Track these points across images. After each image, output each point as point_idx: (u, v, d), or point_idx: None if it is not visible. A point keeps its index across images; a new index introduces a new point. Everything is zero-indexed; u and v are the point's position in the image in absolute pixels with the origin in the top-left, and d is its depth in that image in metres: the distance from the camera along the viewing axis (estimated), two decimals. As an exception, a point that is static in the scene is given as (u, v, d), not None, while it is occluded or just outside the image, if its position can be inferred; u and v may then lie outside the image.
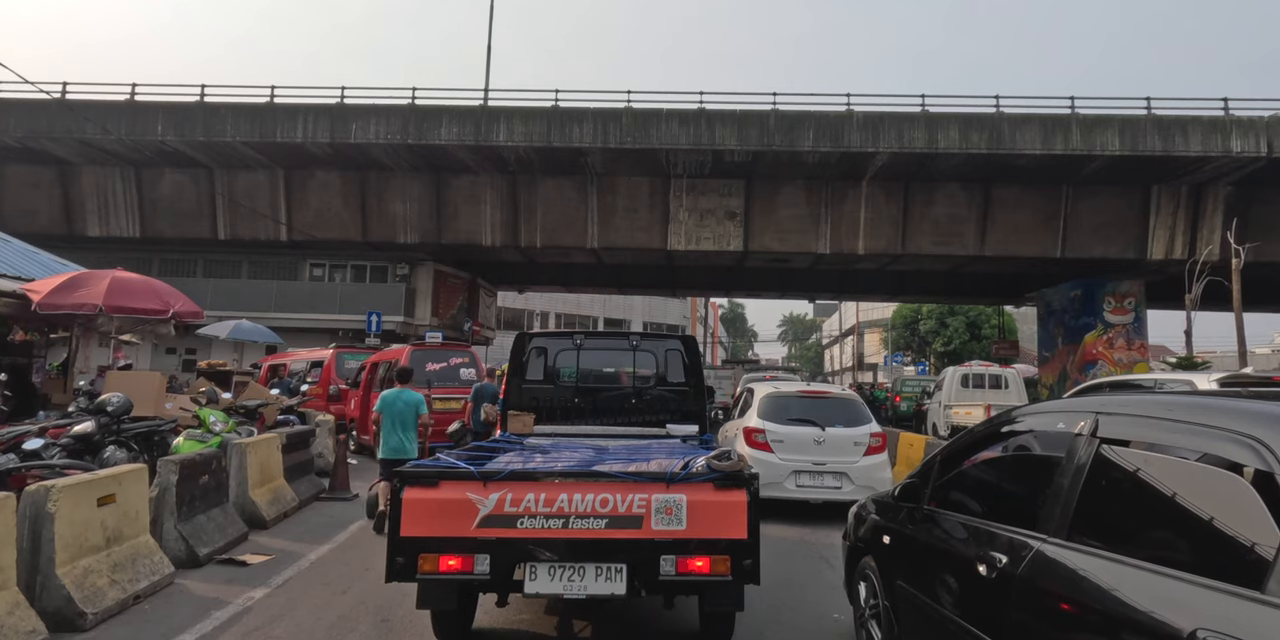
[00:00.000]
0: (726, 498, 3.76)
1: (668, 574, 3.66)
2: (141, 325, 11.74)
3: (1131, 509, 2.39)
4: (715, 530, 3.69)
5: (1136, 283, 24.15)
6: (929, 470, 3.73)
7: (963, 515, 3.26)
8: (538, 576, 3.71)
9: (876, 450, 8.64)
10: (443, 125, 20.18)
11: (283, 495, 7.89)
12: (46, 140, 20.60)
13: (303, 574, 5.73)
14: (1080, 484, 2.50)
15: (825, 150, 19.66)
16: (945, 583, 3.17)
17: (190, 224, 22.70)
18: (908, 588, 3.52)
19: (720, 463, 3.91)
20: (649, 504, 3.70)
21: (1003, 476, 3.41)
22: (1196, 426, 2.18)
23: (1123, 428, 2.48)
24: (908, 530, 3.68)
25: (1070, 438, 2.66)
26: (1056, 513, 2.54)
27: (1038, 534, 2.58)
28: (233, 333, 16.77)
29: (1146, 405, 2.62)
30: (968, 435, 3.69)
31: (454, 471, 3.90)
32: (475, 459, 4.59)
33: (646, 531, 3.67)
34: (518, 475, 3.84)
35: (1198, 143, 19.02)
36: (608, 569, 3.71)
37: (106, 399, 7.02)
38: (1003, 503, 3.20)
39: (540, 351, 7.09)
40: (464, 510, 3.67)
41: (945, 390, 20.43)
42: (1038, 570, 2.49)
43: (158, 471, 5.72)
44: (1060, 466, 2.64)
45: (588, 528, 3.67)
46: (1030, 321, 47.17)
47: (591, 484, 3.78)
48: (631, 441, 6.14)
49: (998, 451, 3.38)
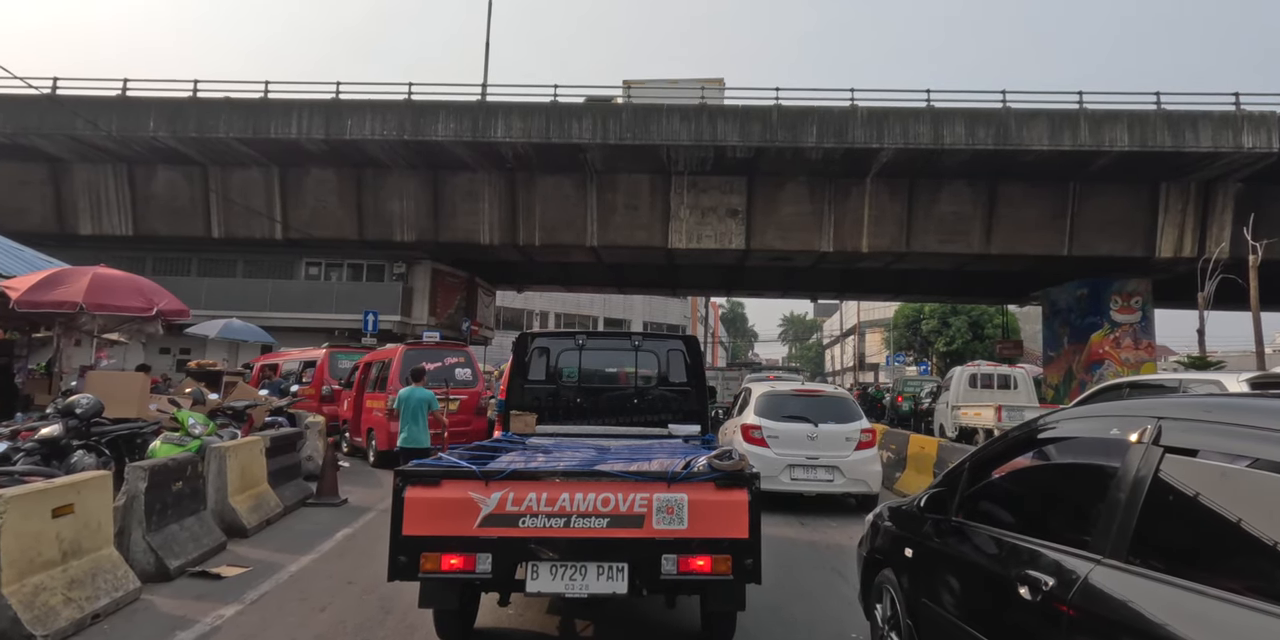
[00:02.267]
0: (728, 497, 3.76)
1: (669, 573, 3.67)
2: (126, 324, 11.39)
3: (1202, 528, 2.13)
4: (716, 529, 3.70)
5: (1144, 281, 23.84)
6: (957, 479, 3.44)
7: (999, 529, 2.96)
8: (539, 575, 3.71)
9: (866, 445, 9.06)
10: (440, 121, 19.82)
11: (266, 501, 7.53)
12: (37, 137, 20.24)
13: (280, 588, 5.36)
14: (1141, 499, 2.23)
15: (829, 146, 19.30)
16: (978, 604, 2.95)
17: (184, 222, 22.34)
18: (933, 607, 3.27)
19: (722, 462, 3.89)
20: (650, 503, 3.71)
21: (1044, 488, 3.12)
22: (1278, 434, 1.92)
23: (1191, 435, 2.21)
24: (934, 544, 3.40)
25: (1127, 445, 2.39)
26: (1113, 531, 2.28)
27: (1090, 555, 2.32)
28: (223, 332, 16.41)
29: (1218, 410, 2.33)
30: (1000, 441, 3.42)
31: (456, 470, 3.89)
32: (478, 458, 4.57)
33: (648, 530, 3.68)
34: (519, 474, 3.84)
35: (1208, 138, 18.67)
36: (609, 568, 3.71)
37: (75, 400, 6.65)
38: (1045, 517, 2.91)
39: (542, 351, 7.08)
40: (466, 509, 3.68)
41: (953, 390, 19.92)
42: (1092, 596, 2.23)
43: (125, 478, 5.36)
44: (1116, 478, 2.37)
45: (589, 527, 3.68)
46: (1032, 321, 46.86)
47: (593, 483, 3.78)
48: (633, 441, 6.12)
49: (1038, 460, 3.09)
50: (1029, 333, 43.99)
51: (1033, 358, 39.31)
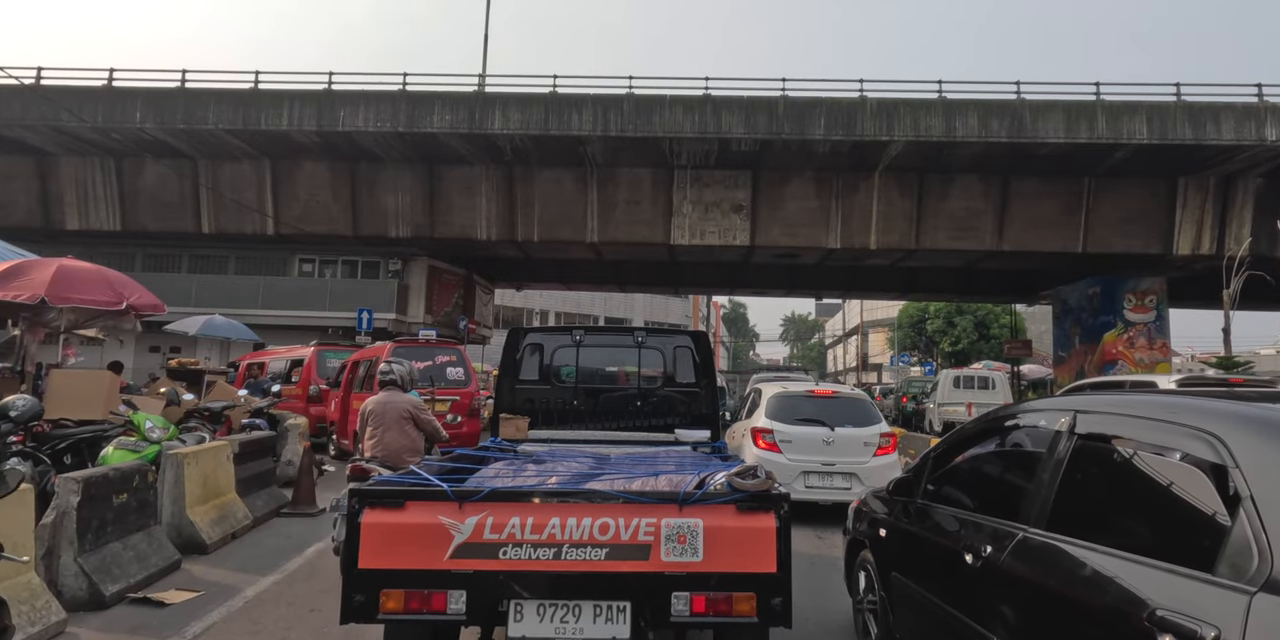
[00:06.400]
0: (752, 523, 3.19)
1: (680, 614, 3.11)
2: (99, 320, 10.79)
3: (1103, 500, 2.55)
4: (738, 563, 3.13)
5: (1159, 280, 23.21)
6: (923, 466, 3.84)
7: (953, 508, 3.38)
8: (524, 617, 3.13)
9: (887, 450, 8.49)
10: (435, 112, 19.18)
11: (232, 513, 6.91)
12: (20, 128, 19.61)
13: (231, 618, 4.73)
14: (1059, 477, 2.64)
15: (837, 139, 18.65)
16: (935, 572, 3.28)
17: (173, 217, 21.72)
18: (901, 578, 3.64)
19: (744, 481, 3.26)
20: (658, 530, 3.14)
21: (991, 471, 3.51)
22: (1164, 423, 2.31)
23: (1099, 425, 2.61)
24: (902, 524, 3.79)
25: (1052, 434, 2.79)
26: (1037, 504, 2.68)
27: (1020, 525, 2.71)
28: (204, 329, 15.79)
29: (1121, 404, 2.73)
30: (958, 432, 3.79)
31: (423, 490, 3.31)
32: (456, 472, 4.03)
33: (655, 563, 3.12)
34: (500, 495, 3.26)
35: (1230, 131, 18.00)
36: (608, 608, 3.14)
37: (9, 402, 5.99)
38: (991, 496, 3.30)
39: (536, 348, 6.51)
40: (435, 537, 3.12)
41: (940, 390, 22.54)
42: (1018, 558, 2.63)
43: (55, 491, 4.74)
44: (1042, 461, 2.77)
45: (584, 558, 3.12)
46: (1039, 321, 46.25)
47: (589, 505, 3.21)
48: (637, 449, 5.53)
49: (987, 448, 3.47)
50: (1035, 332, 43.35)
51: (1040, 358, 38.65)
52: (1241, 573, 1.82)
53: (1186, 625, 1.84)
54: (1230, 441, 2.02)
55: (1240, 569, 1.83)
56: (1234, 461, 1.98)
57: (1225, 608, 1.79)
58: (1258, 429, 2.06)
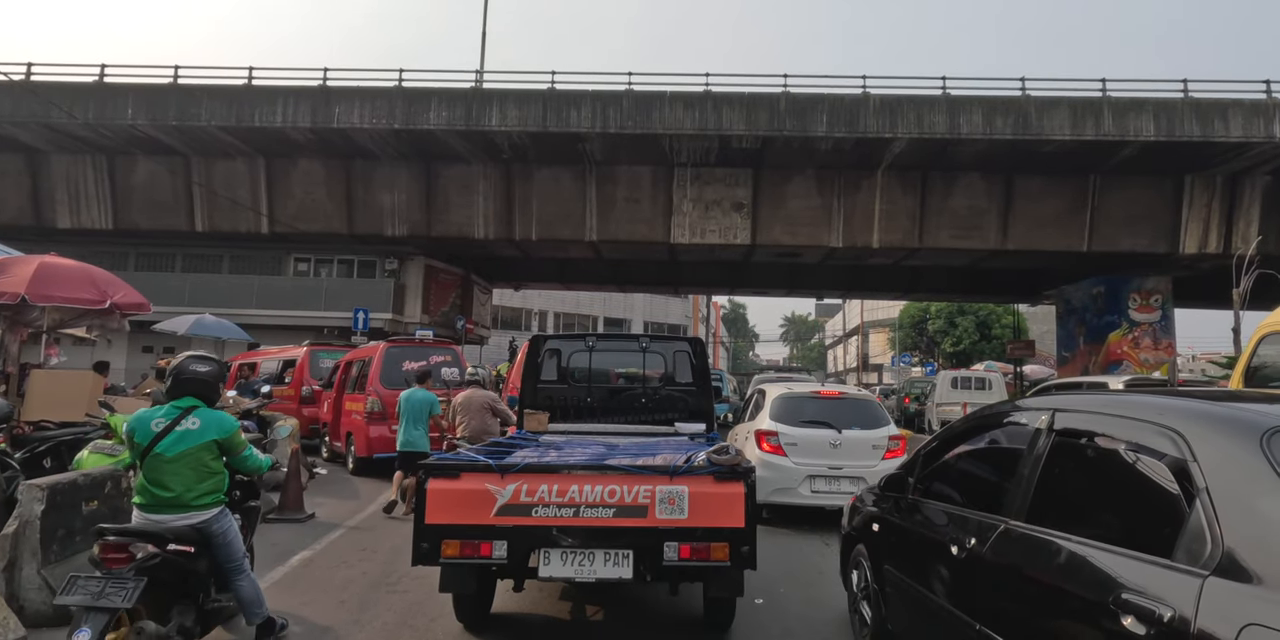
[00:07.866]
0: (725, 489, 4.00)
1: (670, 559, 3.90)
2: (85, 319, 10.51)
3: (1078, 493, 2.70)
4: (715, 519, 3.93)
5: (1164, 279, 22.98)
6: (914, 462, 4.01)
7: (942, 503, 3.54)
8: (551, 561, 3.98)
9: (896, 454, 8.24)
10: (432, 109, 18.91)
11: (215, 518, 6.61)
12: (10, 125, 19.33)
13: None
14: (1038, 472, 2.77)
15: (839, 136, 18.38)
16: (924, 564, 3.41)
17: (166, 215, 21.44)
18: (893, 571, 3.83)
19: (720, 457, 4.14)
20: (653, 495, 3.94)
21: (977, 467, 3.64)
22: (1133, 421, 2.45)
23: (1075, 422, 2.74)
24: (894, 518, 3.99)
25: (1032, 431, 2.92)
26: (1018, 498, 2.80)
27: (1002, 518, 2.83)
28: (193, 328, 15.48)
29: (1097, 402, 2.86)
30: (947, 430, 3.93)
31: (474, 464, 4.19)
32: (494, 454, 4.82)
33: (651, 520, 3.91)
34: (532, 468, 4.15)
35: (1238, 127, 17.75)
36: (615, 554, 3.97)
37: (-25, 405, 5.72)
38: (976, 491, 3.44)
39: (554, 353, 7.39)
40: (483, 500, 3.94)
41: (938, 391, 23.12)
42: (1000, 549, 2.76)
43: (19, 499, 4.46)
44: (1023, 457, 2.90)
45: (597, 516, 3.93)
46: (1041, 321, 46.01)
47: (600, 476, 4.06)
48: (641, 439, 6.39)
49: (973, 445, 3.61)
50: (1038, 333, 43.11)
51: (1043, 358, 38.39)
52: (1196, 558, 1.95)
53: (1146, 606, 1.97)
54: (1190, 437, 2.15)
55: (1196, 554, 1.96)
56: (1192, 456, 2.11)
57: (1181, 590, 1.92)
58: (1215, 425, 2.19)
